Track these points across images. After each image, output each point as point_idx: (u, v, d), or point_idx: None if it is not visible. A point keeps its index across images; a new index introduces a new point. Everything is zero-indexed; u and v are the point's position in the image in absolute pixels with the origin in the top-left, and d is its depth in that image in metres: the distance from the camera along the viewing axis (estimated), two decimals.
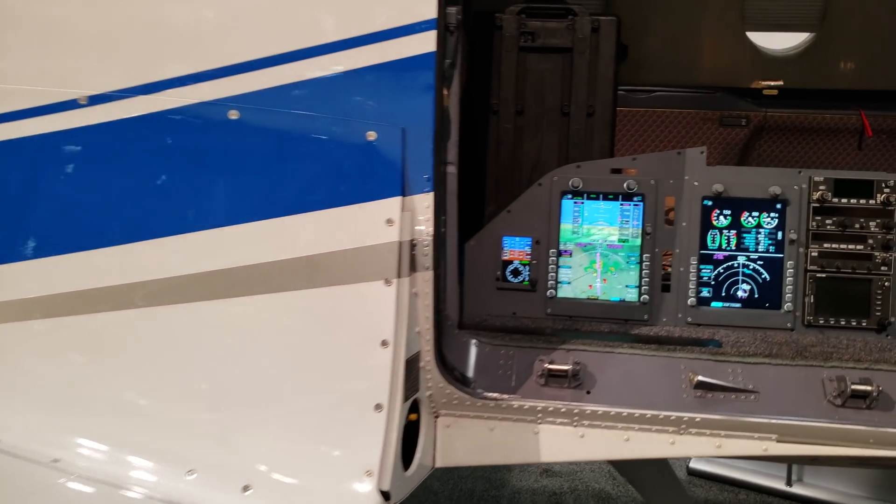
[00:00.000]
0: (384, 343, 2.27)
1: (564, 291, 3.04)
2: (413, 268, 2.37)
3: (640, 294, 3.01)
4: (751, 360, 2.66)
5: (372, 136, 2.28)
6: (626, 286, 3.03)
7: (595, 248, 3.04)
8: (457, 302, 2.71)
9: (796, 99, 5.16)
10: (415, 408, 2.50)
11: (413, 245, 2.36)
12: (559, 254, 3.03)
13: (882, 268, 2.92)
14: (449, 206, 2.59)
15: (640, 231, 3.02)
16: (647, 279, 2.99)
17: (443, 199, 2.45)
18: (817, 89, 5.22)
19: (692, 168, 2.99)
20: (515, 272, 3.03)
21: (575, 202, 3.03)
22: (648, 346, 2.72)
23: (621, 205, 3.03)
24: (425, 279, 2.40)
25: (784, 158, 5.10)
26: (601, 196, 3.03)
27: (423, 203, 2.33)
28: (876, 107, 5.03)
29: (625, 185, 2.98)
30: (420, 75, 2.28)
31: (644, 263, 3.00)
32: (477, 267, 3.03)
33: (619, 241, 3.03)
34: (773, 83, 5.22)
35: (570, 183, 3.01)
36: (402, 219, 2.28)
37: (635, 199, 3.02)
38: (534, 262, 3.02)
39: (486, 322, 2.95)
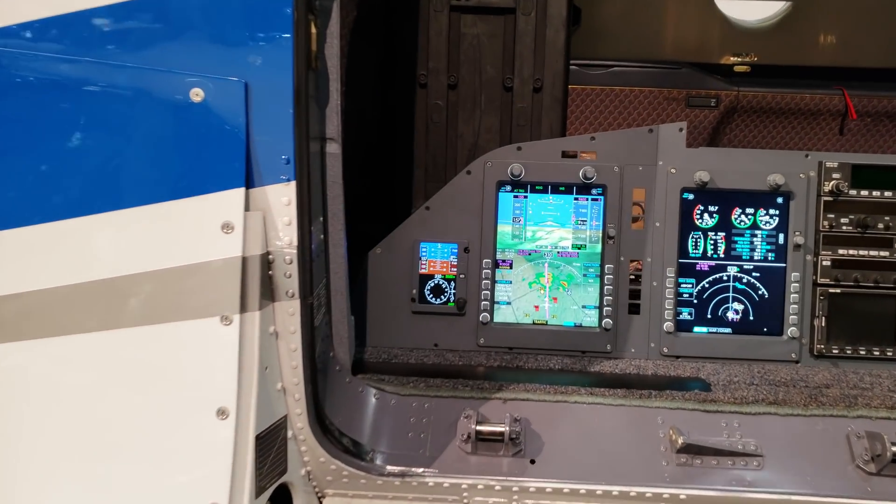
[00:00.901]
0: (221, 413, 1.49)
1: (502, 315, 2.28)
2: (269, 296, 1.58)
3: (601, 317, 2.27)
4: (750, 409, 1.95)
5: (197, 94, 1.48)
6: (584, 307, 2.28)
7: (542, 256, 2.29)
8: (349, 337, 1.93)
9: (771, 77, 4.55)
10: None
11: (268, 262, 1.57)
12: (495, 265, 2.27)
13: None
14: (331, 202, 1.80)
15: (600, 234, 2.28)
16: (610, 297, 2.26)
17: (316, 190, 1.66)
18: (795, 66, 4.63)
19: (668, 150, 2.27)
20: (437, 290, 2.26)
21: (515, 196, 2.28)
22: (614, 393, 1.98)
23: (576, 199, 2.28)
24: (289, 311, 1.62)
25: (758, 144, 4.47)
26: (549, 188, 2.28)
27: (281, 198, 1.55)
28: (860, 86, 4.42)
29: (580, 173, 2.23)
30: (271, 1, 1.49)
31: (606, 277, 2.26)
32: (385, 284, 2.25)
33: (574, 247, 2.28)
34: (745, 59, 4.63)
35: (508, 170, 2.25)
36: (248, 222, 1.50)
37: (594, 191, 2.28)
38: (461, 276, 2.25)
39: (394, 361, 2.18)
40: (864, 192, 2.25)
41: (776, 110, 4.50)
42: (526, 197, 2.29)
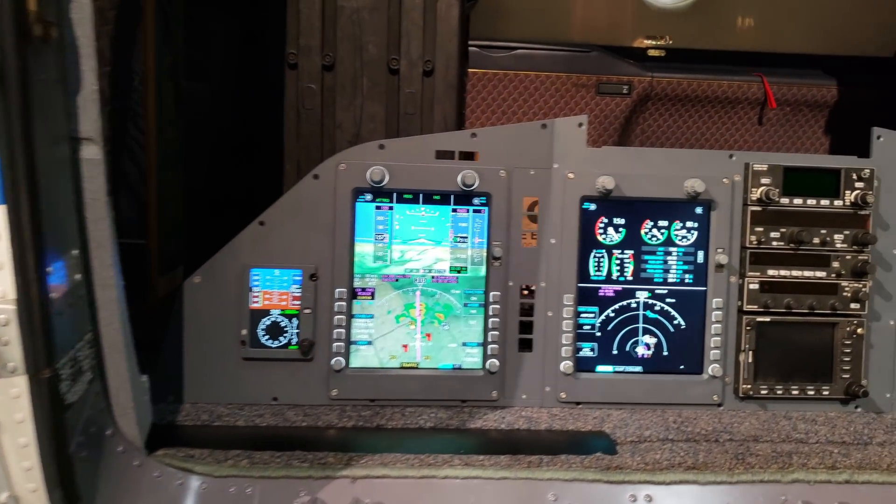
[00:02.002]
0: None
1: (361, 359, 1.81)
2: None
3: (485, 357, 1.82)
4: (665, 476, 1.55)
5: None
6: (464, 345, 1.83)
7: (413, 283, 1.82)
8: (138, 405, 1.42)
9: (687, 62, 4.21)
10: None
11: None
12: (352, 295, 1.79)
13: (852, 305, 1.86)
14: (92, 227, 1.28)
15: (483, 254, 1.82)
16: (496, 332, 1.81)
17: (62, 212, 1.15)
18: (712, 50, 4.29)
19: (565, 150, 1.83)
20: (274, 330, 1.77)
21: (378, 207, 1.80)
22: (496, 462, 1.55)
23: (454, 211, 1.83)
24: (12, 393, 1.09)
25: (673, 134, 4.12)
26: (421, 197, 1.81)
27: None
28: (780, 73, 4.12)
29: (459, 178, 1.77)
30: None
31: (492, 306, 1.81)
32: (206, 323, 1.74)
33: (453, 270, 1.83)
34: (660, 42, 4.27)
35: (367, 174, 1.76)
36: None
37: (476, 201, 1.82)
38: (306, 310, 1.77)
39: (218, 424, 1.68)
40: (798, 201, 1.87)
41: (692, 98, 4.14)
42: (391, 208, 1.82)
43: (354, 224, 1.80)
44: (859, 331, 1.88)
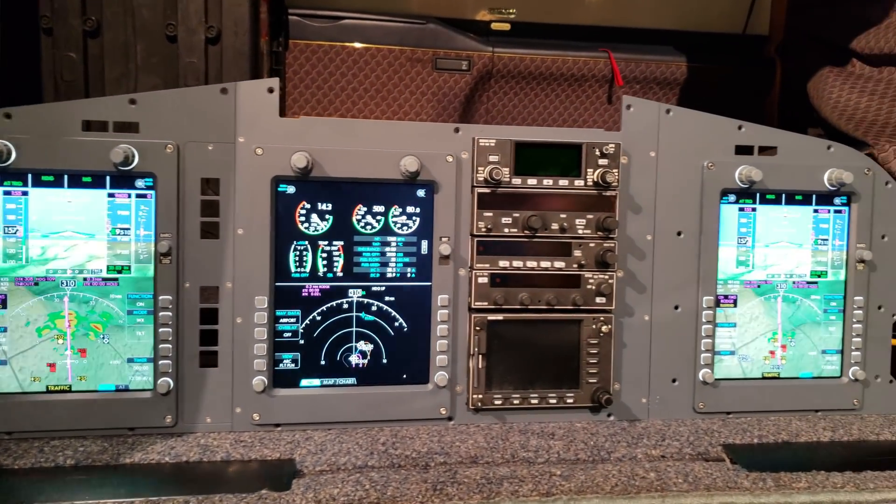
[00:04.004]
0: None
1: None
2: None
3: (156, 375, 1.48)
4: None
5: None
6: (129, 361, 1.49)
7: (59, 287, 1.48)
8: None
9: (532, 37, 3.97)
10: None
11: None
12: None
13: (598, 299, 1.62)
14: None
15: (151, 249, 1.49)
16: (167, 345, 1.48)
17: None
18: (559, 24, 4.07)
19: (252, 121, 1.52)
20: None
21: (7, 192, 1.44)
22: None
23: (111, 196, 1.49)
24: None
25: (519, 114, 3.87)
26: (66, 179, 1.46)
27: None
28: (628, 49, 3.93)
29: (115, 154, 1.42)
30: None
31: (161, 313, 1.48)
32: None
33: (112, 269, 1.49)
34: (504, 15, 4.02)
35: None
36: None
37: (140, 182, 1.48)
38: None
39: None
40: (533, 181, 1.61)
41: (537, 75, 3.89)
42: (25, 193, 1.46)
43: None
44: (605, 329, 1.63)
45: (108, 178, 1.48)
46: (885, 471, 1.45)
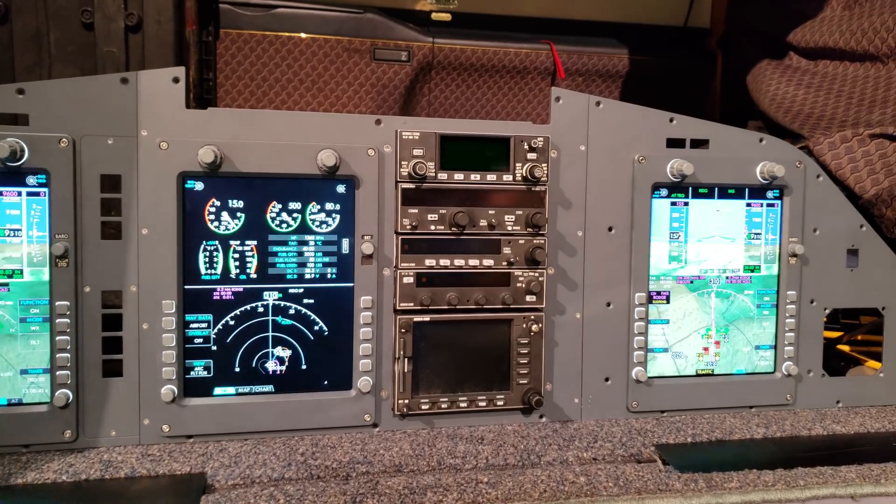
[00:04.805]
0: None
1: None
2: None
3: (53, 387, 1.37)
4: None
5: None
6: (24, 372, 1.38)
7: None
8: None
9: (474, 27, 3.90)
10: None
11: None
12: None
13: (528, 298, 1.56)
14: None
15: (46, 251, 1.38)
16: (66, 354, 1.38)
17: None
18: (500, 16, 4.01)
19: (156, 113, 1.43)
20: None
21: None
22: None
23: None
24: None
25: (462, 107, 3.80)
26: None
27: None
28: (569, 41, 3.89)
29: (0, 149, 1.31)
30: None
31: (59, 320, 1.37)
32: None
33: (2, 275, 1.36)
34: (445, 6, 3.94)
35: None
36: None
37: (32, 180, 1.37)
38: None
39: None
40: (459, 176, 1.54)
41: (478, 67, 3.83)
42: None
43: None
44: (535, 328, 1.58)
45: None
46: (816, 466, 1.43)
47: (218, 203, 1.45)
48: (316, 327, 1.52)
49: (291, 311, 1.50)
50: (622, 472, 1.41)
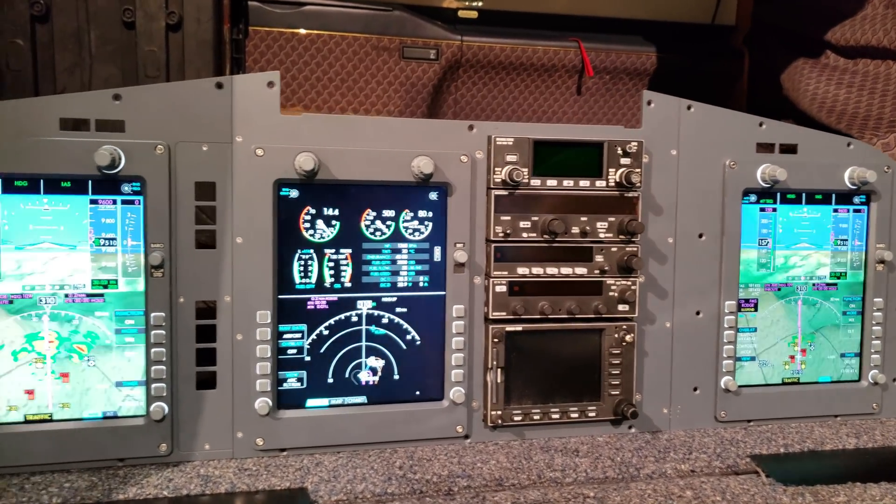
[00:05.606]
0: None
1: None
2: None
3: (149, 400, 1.34)
4: None
5: None
6: (120, 385, 1.35)
7: (36, 304, 1.32)
8: None
9: (501, 25, 3.86)
10: None
11: None
12: None
13: (620, 307, 1.53)
14: None
15: (140, 261, 1.34)
16: (161, 367, 1.35)
17: None
18: (528, 13, 3.97)
19: (251, 118, 1.39)
20: None
21: None
22: None
23: (94, 202, 1.33)
24: None
25: (489, 107, 3.76)
26: (41, 184, 1.30)
27: None
28: (599, 39, 3.85)
29: (100, 157, 1.27)
30: None
31: (154, 332, 1.33)
32: None
33: (96, 284, 1.34)
34: (471, 3, 3.90)
35: None
36: None
37: (127, 187, 1.33)
38: None
39: None
40: (552, 182, 1.51)
41: (506, 65, 3.78)
42: None
43: None
44: (628, 337, 1.55)
45: (90, 182, 1.32)
46: None
47: (313, 211, 1.42)
48: (408, 337, 1.49)
49: (384, 321, 1.47)
50: (726, 485, 1.39)
